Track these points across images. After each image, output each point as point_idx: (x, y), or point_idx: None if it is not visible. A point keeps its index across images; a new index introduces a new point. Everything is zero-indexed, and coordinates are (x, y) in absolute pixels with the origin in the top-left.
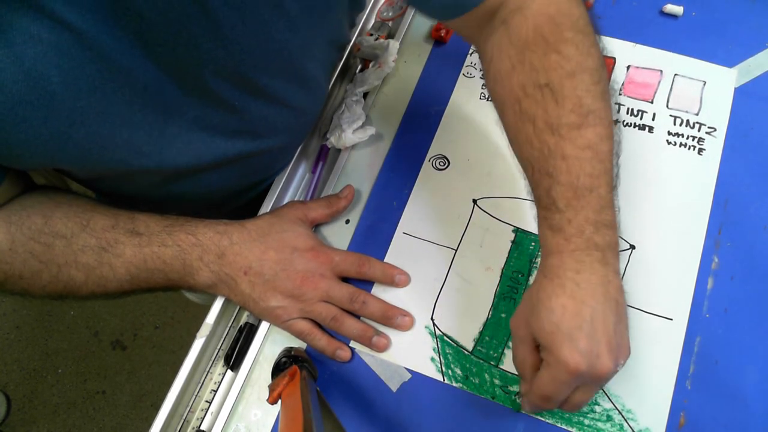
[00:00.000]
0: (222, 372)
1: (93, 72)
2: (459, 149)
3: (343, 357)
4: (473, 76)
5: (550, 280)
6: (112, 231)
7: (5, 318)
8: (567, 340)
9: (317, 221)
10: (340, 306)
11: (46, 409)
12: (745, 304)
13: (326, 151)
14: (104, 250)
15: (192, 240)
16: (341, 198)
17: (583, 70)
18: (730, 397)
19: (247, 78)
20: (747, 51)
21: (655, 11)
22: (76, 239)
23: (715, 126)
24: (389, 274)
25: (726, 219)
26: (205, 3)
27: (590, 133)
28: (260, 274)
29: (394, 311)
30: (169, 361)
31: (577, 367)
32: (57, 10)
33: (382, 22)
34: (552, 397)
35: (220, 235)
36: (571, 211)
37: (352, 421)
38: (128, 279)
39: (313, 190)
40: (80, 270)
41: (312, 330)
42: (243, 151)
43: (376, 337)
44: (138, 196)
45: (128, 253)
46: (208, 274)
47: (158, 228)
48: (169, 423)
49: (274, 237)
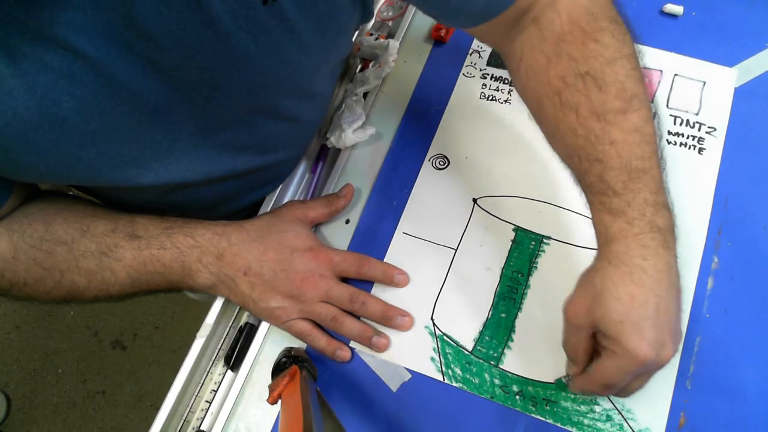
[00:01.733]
0: (222, 372)
1: (104, 97)
2: (459, 149)
3: (343, 357)
4: (473, 76)
5: (615, 267)
6: (112, 235)
7: (5, 318)
8: (636, 330)
9: (317, 221)
10: (339, 306)
11: (46, 409)
12: (745, 304)
13: (326, 151)
14: (105, 255)
15: (190, 242)
16: (341, 197)
17: (622, 56)
18: (730, 397)
19: (258, 99)
20: (747, 51)
21: (655, 11)
22: (77, 245)
23: (715, 126)
24: (389, 274)
25: (726, 219)
26: (219, 28)
27: (635, 116)
28: (260, 275)
29: (394, 311)
30: (169, 361)
31: (645, 358)
32: (70, 39)
33: (382, 22)
34: (615, 385)
35: (219, 236)
36: (629, 193)
37: (352, 421)
38: (129, 282)
39: (313, 190)
40: (82, 275)
41: (312, 330)
42: (250, 165)
43: (376, 338)
44: (142, 203)
45: (128, 257)
46: (207, 275)
47: (157, 231)
48: (169, 423)
49: (273, 237)
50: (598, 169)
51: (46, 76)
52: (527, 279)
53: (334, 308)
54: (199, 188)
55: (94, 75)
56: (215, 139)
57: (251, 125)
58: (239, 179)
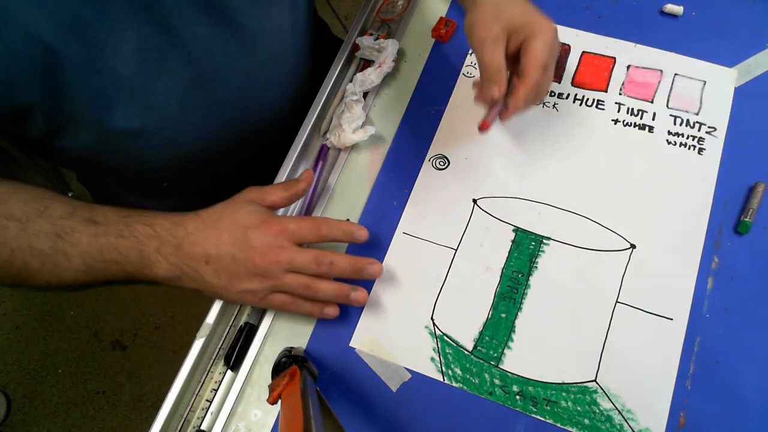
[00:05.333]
0: (222, 372)
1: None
2: (459, 149)
3: (332, 313)
4: (473, 76)
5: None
6: (69, 219)
7: (5, 318)
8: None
9: (276, 205)
10: (307, 273)
11: (46, 409)
12: (745, 304)
13: (326, 151)
14: (60, 237)
15: (149, 231)
16: (300, 181)
17: None
18: (730, 397)
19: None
20: (747, 51)
21: (655, 11)
22: (31, 224)
23: (715, 126)
24: (348, 232)
25: (726, 219)
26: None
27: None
28: (220, 260)
29: (362, 261)
30: (169, 361)
31: (553, 24)
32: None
33: (382, 22)
34: (549, 65)
35: (177, 225)
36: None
37: (352, 421)
38: (84, 270)
39: (313, 190)
40: (34, 256)
41: (293, 299)
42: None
43: (354, 293)
44: (123, 158)
45: (84, 242)
46: (167, 266)
47: (116, 218)
48: (169, 423)
49: (225, 220)
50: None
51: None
52: (527, 279)
53: (303, 276)
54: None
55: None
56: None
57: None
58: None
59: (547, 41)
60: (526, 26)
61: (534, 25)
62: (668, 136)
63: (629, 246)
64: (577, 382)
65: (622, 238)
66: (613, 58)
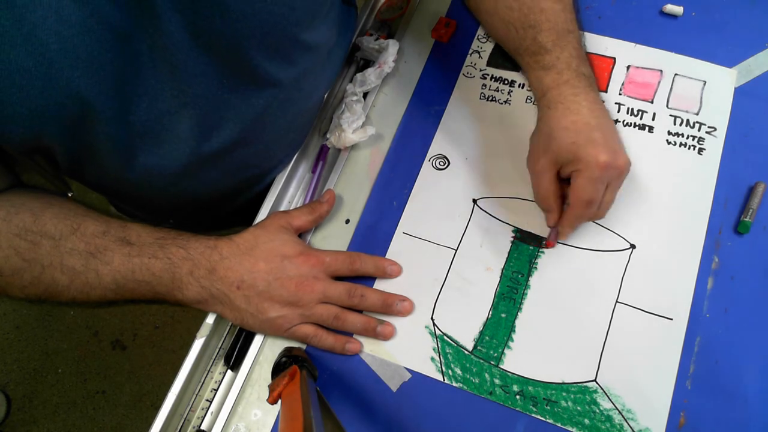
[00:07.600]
0: (222, 372)
1: (92, 41)
2: (459, 149)
3: (353, 350)
4: (473, 76)
5: (554, 108)
6: (103, 237)
7: (5, 318)
8: (588, 142)
9: (302, 229)
10: (339, 304)
11: (46, 409)
12: (745, 304)
13: (326, 151)
14: (92, 256)
15: (183, 254)
16: (323, 203)
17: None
18: (730, 397)
19: (239, 50)
20: (747, 51)
21: (655, 11)
22: (64, 241)
23: (715, 126)
24: (381, 267)
25: (726, 219)
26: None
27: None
28: (253, 287)
29: (393, 298)
30: (169, 361)
31: (605, 161)
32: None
33: (382, 22)
34: (593, 199)
35: (211, 249)
36: (557, 49)
37: (352, 421)
38: (113, 288)
39: (313, 190)
40: (65, 273)
41: (317, 331)
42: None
43: (381, 327)
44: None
45: (117, 261)
46: (198, 289)
47: (150, 239)
48: (169, 423)
49: (261, 248)
50: (531, 33)
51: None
52: (527, 279)
53: (334, 307)
54: (191, 174)
55: (82, 14)
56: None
57: (228, 102)
58: (229, 156)
59: (591, 178)
60: (573, 162)
61: (580, 163)
62: (668, 136)
63: (629, 246)
64: (577, 382)
65: (622, 238)
66: (612, 59)
